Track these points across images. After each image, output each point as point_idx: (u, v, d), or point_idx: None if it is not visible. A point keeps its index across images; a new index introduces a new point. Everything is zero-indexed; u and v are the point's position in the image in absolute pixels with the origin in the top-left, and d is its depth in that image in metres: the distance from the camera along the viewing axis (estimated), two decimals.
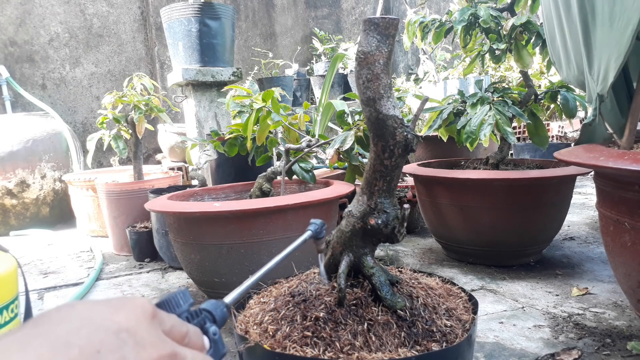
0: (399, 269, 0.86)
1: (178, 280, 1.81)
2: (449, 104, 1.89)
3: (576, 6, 1.15)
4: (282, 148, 1.59)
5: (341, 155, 1.51)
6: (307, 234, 0.67)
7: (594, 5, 1.09)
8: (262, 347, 0.63)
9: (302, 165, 1.57)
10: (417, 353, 0.61)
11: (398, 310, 0.67)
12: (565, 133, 4.52)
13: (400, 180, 1.83)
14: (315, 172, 1.64)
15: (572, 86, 1.71)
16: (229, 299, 0.48)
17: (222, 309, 0.44)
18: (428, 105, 1.96)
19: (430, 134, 2.04)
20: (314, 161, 1.67)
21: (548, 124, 4.44)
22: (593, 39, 1.12)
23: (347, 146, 1.40)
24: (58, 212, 3.15)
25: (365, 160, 1.54)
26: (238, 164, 2.07)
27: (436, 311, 0.70)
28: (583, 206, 2.74)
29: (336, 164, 2.11)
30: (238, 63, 4.54)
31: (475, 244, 1.74)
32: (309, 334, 0.63)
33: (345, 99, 2.03)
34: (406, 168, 1.91)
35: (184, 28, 2.61)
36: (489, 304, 1.40)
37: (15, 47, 3.59)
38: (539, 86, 2.83)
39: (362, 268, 0.72)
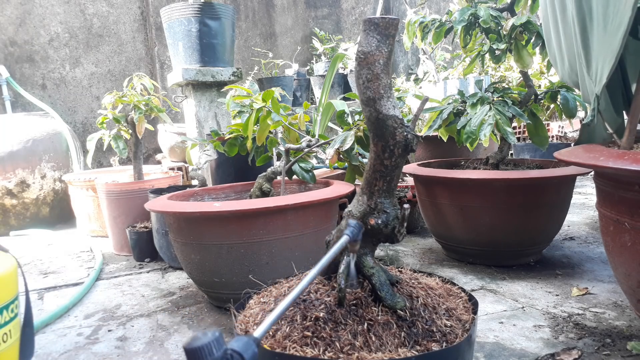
0: (399, 269, 0.86)
1: (178, 280, 1.81)
2: (449, 104, 1.89)
3: (574, 7, 1.15)
4: (282, 148, 1.59)
5: (341, 155, 1.51)
6: (344, 239, 0.63)
7: (590, 6, 1.09)
8: (262, 347, 0.63)
9: (302, 165, 1.57)
10: (417, 353, 0.61)
11: (398, 310, 0.67)
12: (565, 133, 4.52)
13: (400, 180, 1.83)
14: (315, 172, 1.64)
15: (570, 85, 1.72)
16: (259, 332, 0.46)
17: (254, 349, 0.42)
18: (428, 105, 1.96)
19: (430, 134, 2.04)
20: (314, 161, 1.67)
21: (548, 124, 4.44)
22: (591, 39, 1.13)
23: (347, 146, 1.40)
24: (58, 212, 3.15)
25: (365, 160, 1.54)
26: (238, 164, 2.07)
27: (436, 311, 0.70)
28: (583, 206, 2.74)
29: (336, 164, 2.11)
30: (238, 63, 4.54)
31: (475, 244, 1.74)
32: (309, 334, 0.63)
33: (345, 99, 2.03)
34: (406, 168, 1.91)
35: (184, 28, 2.61)
36: (489, 304, 1.40)
37: (15, 47, 3.59)
38: (539, 86, 2.83)
39: (362, 268, 0.72)
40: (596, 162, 0.97)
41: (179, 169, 3.22)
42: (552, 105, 2.03)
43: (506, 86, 2.82)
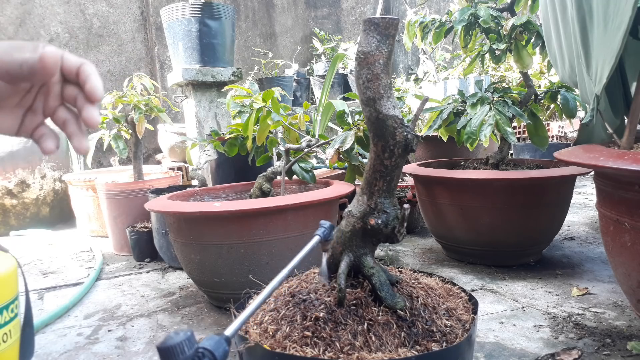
0: (399, 269, 0.86)
1: (178, 280, 1.81)
2: (449, 104, 1.89)
3: (574, 7, 1.15)
4: (282, 148, 1.59)
5: (341, 155, 1.51)
6: (316, 239, 0.66)
7: (591, 5, 1.09)
8: (262, 347, 0.63)
9: (302, 165, 1.57)
10: (417, 353, 0.61)
11: (398, 310, 0.67)
12: (565, 133, 4.52)
13: (400, 180, 1.83)
14: (315, 172, 1.64)
15: (570, 86, 1.72)
16: (230, 331, 0.48)
17: (224, 347, 0.44)
18: (428, 105, 1.96)
19: (430, 134, 2.04)
20: (314, 161, 1.67)
21: (548, 124, 4.44)
22: (591, 39, 1.13)
23: (347, 146, 1.40)
24: (58, 212, 3.15)
25: (365, 160, 1.54)
26: (238, 164, 2.07)
27: (436, 311, 0.70)
28: (583, 206, 2.74)
29: (336, 164, 2.11)
30: (238, 63, 4.54)
31: (475, 244, 1.74)
32: (309, 334, 0.63)
33: (345, 99, 2.03)
34: (406, 168, 1.91)
35: (184, 28, 2.61)
36: (489, 304, 1.40)
37: None
38: (539, 86, 2.83)
39: (362, 268, 0.72)
40: (596, 162, 0.97)
41: (179, 169, 3.22)
42: (552, 105, 2.03)
43: (506, 86, 2.82)
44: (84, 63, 0.47)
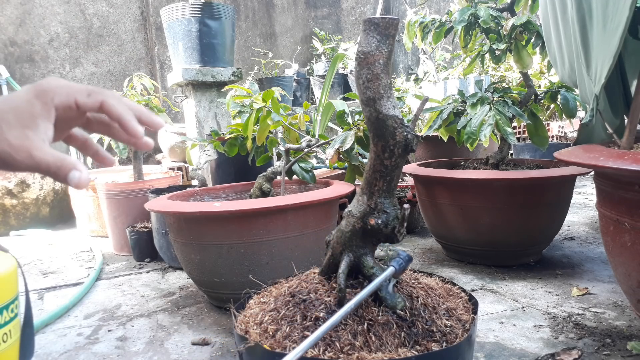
0: None
1: (178, 280, 1.81)
2: (449, 104, 1.89)
3: (573, 7, 1.15)
4: (282, 148, 1.59)
5: (341, 155, 1.51)
6: (390, 270, 0.67)
7: (590, 5, 1.10)
8: (262, 347, 0.63)
9: (302, 165, 1.57)
10: (417, 353, 0.61)
11: (398, 311, 0.67)
12: (565, 133, 4.52)
13: (400, 180, 1.83)
14: (315, 172, 1.64)
15: (570, 85, 1.72)
16: None
17: None
18: (428, 105, 1.96)
19: (430, 134, 2.04)
20: (314, 161, 1.67)
21: (548, 124, 4.44)
22: (590, 39, 1.13)
23: (347, 146, 1.40)
24: (58, 212, 3.15)
25: (365, 160, 1.54)
26: (238, 164, 2.07)
27: (436, 311, 0.70)
28: (583, 206, 2.74)
29: (336, 164, 2.11)
30: (238, 63, 4.54)
31: (475, 244, 1.74)
32: (309, 334, 0.63)
33: (345, 99, 2.03)
34: (406, 168, 1.91)
35: (184, 28, 2.61)
36: (489, 304, 1.40)
37: (15, 47, 3.59)
38: (539, 86, 2.83)
39: (362, 268, 0.72)
40: (596, 162, 0.97)
41: (179, 169, 3.22)
42: (552, 105, 2.04)
43: (506, 86, 2.82)
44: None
